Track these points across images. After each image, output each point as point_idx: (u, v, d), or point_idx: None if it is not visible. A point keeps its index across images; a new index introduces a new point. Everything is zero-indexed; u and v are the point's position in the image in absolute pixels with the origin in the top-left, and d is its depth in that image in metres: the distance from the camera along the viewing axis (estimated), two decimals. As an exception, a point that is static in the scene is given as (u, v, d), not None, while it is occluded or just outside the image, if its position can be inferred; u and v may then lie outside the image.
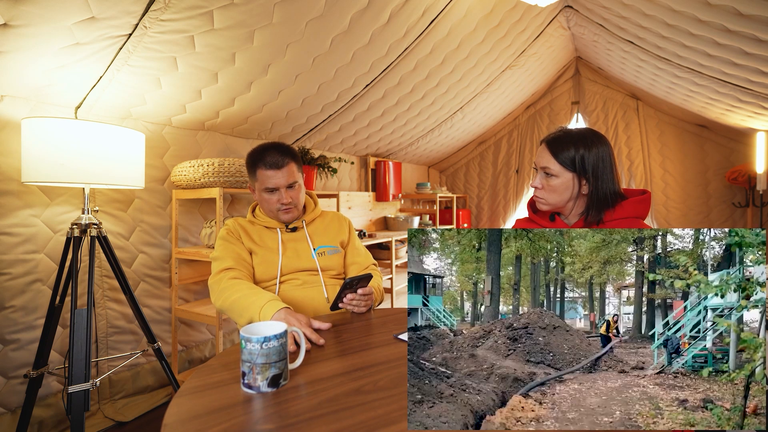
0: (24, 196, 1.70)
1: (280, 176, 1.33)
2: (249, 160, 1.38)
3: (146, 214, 2.15)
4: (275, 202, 1.36)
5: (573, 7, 2.89)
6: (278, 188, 1.34)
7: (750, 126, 3.16)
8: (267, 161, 1.33)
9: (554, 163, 1.09)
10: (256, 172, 1.35)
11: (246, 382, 0.76)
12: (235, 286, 1.20)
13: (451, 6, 2.34)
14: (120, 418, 1.90)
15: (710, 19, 1.94)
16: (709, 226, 3.71)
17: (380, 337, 1.05)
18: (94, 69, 1.66)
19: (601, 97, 4.15)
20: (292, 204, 1.37)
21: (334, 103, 2.72)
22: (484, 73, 3.26)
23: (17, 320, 1.69)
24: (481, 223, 5.04)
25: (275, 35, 1.87)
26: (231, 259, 1.30)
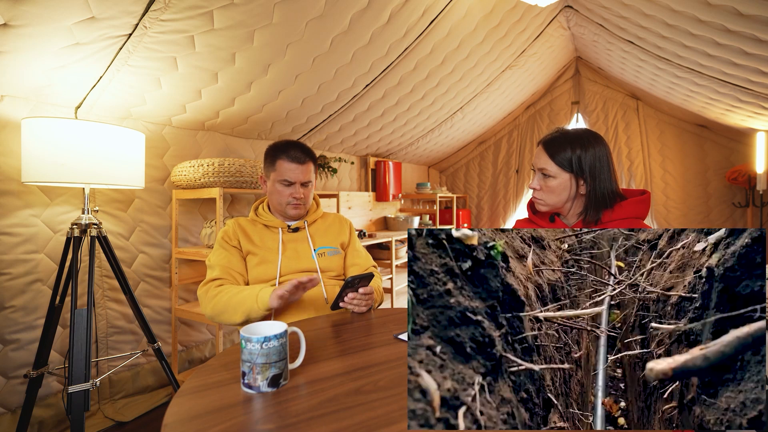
0: (24, 196, 1.70)
1: (299, 172, 1.38)
2: (271, 150, 1.41)
3: (146, 214, 2.15)
4: (288, 195, 1.39)
5: (573, 7, 2.89)
6: (294, 182, 1.38)
7: (750, 126, 3.16)
8: (290, 154, 1.37)
9: (551, 164, 1.09)
10: (275, 163, 1.38)
11: (246, 382, 0.76)
12: (222, 291, 1.24)
13: (451, 6, 2.34)
14: (120, 418, 1.90)
15: (710, 19, 1.95)
16: (709, 226, 3.71)
17: (380, 337, 1.05)
18: (94, 69, 1.66)
19: (601, 97, 4.15)
20: (302, 201, 1.41)
21: (334, 103, 2.72)
22: (484, 73, 3.26)
23: (17, 320, 1.69)
24: (481, 223, 5.04)
25: (275, 35, 1.88)
26: (219, 269, 1.31)
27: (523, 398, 0.65)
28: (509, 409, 0.59)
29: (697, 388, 0.61)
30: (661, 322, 0.83)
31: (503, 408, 0.58)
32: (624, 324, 1.02)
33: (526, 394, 0.66)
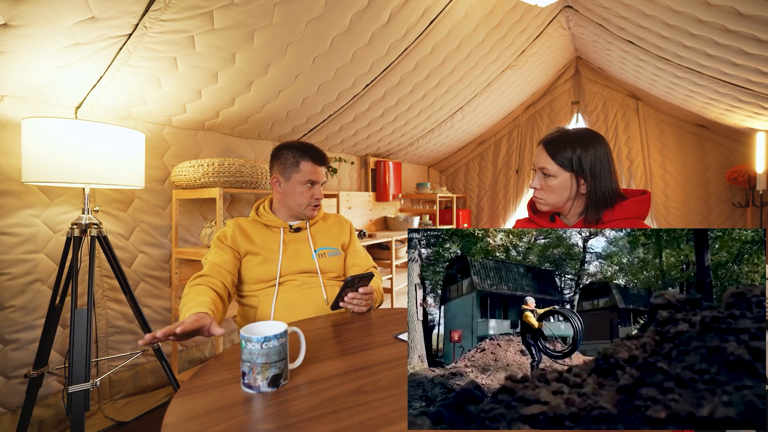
0: (24, 196, 1.70)
1: (321, 173, 1.42)
2: (288, 151, 1.41)
3: (146, 214, 2.15)
4: (310, 196, 1.41)
5: (573, 7, 2.89)
6: (318, 183, 1.41)
7: (750, 126, 3.16)
8: (314, 156, 1.40)
9: (552, 164, 1.09)
10: (299, 164, 1.39)
11: (246, 382, 0.76)
12: (187, 294, 1.18)
13: (451, 6, 2.34)
14: (120, 418, 1.90)
15: (710, 19, 1.95)
16: (709, 226, 3.71)
17: (380, 337, 1.05)
18: (94, 69, 1.66)
19: (601, 97, 4.15)
20: (320, 201, 1.44)
21: (334, 103, 2.72)
22: (484, 73, 3.26)
23: (17, 320, 1.69)
24: (481, 223, 5.04)
25: (275, 35, 1.88)
26: (207, 266, 1.31)
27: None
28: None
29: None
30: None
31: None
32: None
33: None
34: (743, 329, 0.44)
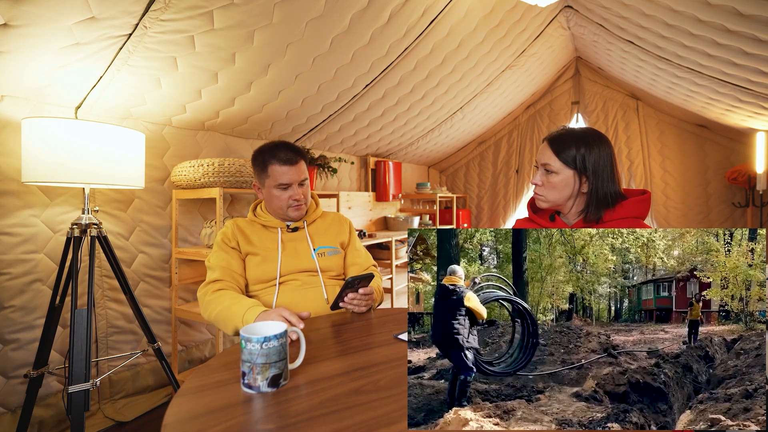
0: (24, 196, 1.70)
1: (294, 172, 1.35)
2: (259, 156, 1.38)
3: (146, 214, 2.15)
4: (287, 198, 1.36)
5: (573, 7, 2.89)
6: (291, 184, 1.36)
7: (750, 126, 3.16)
8: (281, 157, 1.34)
9: (555, 160, 1.09)
10: (267, 169, 1.35)
11: (246, 382, 0.76)
12: (218, 299, 1.21)
13: (451, 6, 2.34)
14: (120, 418, 1.90)
15: (710, 19, 1.94)
16: (709, 226, 3.71)
17: (380, 337, 1.05)
18: (94, 69, 1.66)
19: (601, 97, 4.15)
20: (302, 201, 1.39)
21: (334, 103, 2.72)
22: (484, 73, 3.26)
23: (17, 320, 1.69)
24: (481, 223, 5.04)
25: (275, 35, 1.87)
26: (219, 270, 1.30)
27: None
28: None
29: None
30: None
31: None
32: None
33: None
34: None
